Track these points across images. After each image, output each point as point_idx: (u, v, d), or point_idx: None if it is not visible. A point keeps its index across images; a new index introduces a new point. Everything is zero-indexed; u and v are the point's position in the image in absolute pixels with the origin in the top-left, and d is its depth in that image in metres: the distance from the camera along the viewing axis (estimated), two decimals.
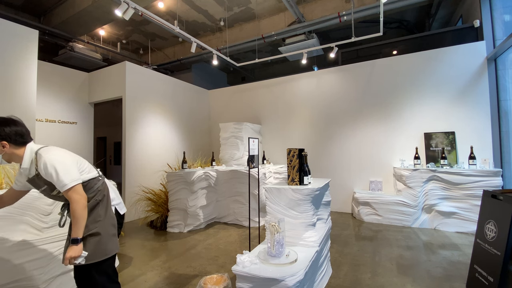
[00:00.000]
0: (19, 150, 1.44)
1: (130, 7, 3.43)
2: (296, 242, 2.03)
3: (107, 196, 1.66)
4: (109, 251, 1.57)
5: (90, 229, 1.50)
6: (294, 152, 2.17)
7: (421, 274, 2.55)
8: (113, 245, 1.61)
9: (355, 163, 5.13)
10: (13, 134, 1.40)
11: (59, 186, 1.41)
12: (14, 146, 1.42)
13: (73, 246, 1.39)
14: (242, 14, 6.40)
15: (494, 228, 1.99)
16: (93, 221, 1.53)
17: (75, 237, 1.40)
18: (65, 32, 6.00)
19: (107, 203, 1.65)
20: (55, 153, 1.46)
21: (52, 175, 1.40)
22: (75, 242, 1.40)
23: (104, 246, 1.54)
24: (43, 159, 1.40)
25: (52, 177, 1.40)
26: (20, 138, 1.43)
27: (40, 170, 1.41)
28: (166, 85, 5.85)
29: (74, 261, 1.40)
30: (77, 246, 1.40)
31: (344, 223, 4.42)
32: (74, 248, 1.39)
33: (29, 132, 1.50)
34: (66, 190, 1.41)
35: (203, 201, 4.27)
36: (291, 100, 5.94)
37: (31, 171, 1.46)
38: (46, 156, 1.42)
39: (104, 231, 1.56)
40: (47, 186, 1.48)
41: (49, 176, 1.41)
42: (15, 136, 1.41)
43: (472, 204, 3.74)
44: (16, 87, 3.33)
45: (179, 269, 2.76)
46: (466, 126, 4.24)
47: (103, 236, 1.55)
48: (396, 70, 4.83)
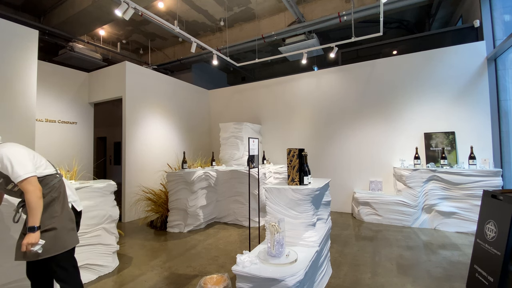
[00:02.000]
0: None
1: (130, 7, 3.43)
2: (296, 242, 2.03)
3: (63, 193, 1.71)
4: (67, 244, 1.63)
5: (46, 224, 1.55)
6: (294, 152, 2.17)
7: (421, 274, 2.55)
8: (72, 239, 1.67)
9: (355, 163, 5.13)
10: None
11: (14, 177, 1.47)
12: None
13: (30, 234, 1.44)
14: (242, 14, 6.40)
15: (494, 228, 1.99)
16: (49, 217, 1.58)
17: (31, 225, 1.45)
18: (65, 32, 6.00)
19: (63, 199, 1.70)
20: (10, 147, 1.54)
21: (7, 167, 1.46)
22: (32, 230, 1.45)
23: (62, 240, 1.60)
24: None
25: (7, 169, 1.47)
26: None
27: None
28: (166, 85, 5.85)
29: (31, 248, 1.44)
30: (34, 234, 1.45)
31: (344, 223, 4.42)
32: (31, 235, 1.44)
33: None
34: (21, 181, 1.47)
35: (203, 201, 4.27)
36: (291, 100, 5.94)
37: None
38: (1, 150, 1.49)
39: (61, 226, 1.62)
40: (3, 179, 1.53)
41: (5, 169, 1.47)
42: None
43: (472, 204, 3.74)
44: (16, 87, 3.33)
45: (179, 269, 2.76)
46: (466, 126, 4.24)
47: (59, 230, 1.60)
48: (396, 70, 4.83)
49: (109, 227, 2.73)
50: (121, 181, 4.76)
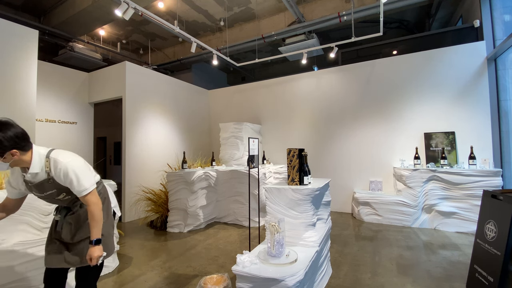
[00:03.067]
0: (27, 156, 1.36)
1: (130, 7, 3.43)
2: (296, 242, 2.03)
3: (107, 199, 1.69)
4: (110, 251, 1.61)
5: None
6: (294, 152, 2.17)
7: (421, 274, 2.55)
8: (113, 245, 1.67)
9: (355, 163, 5.13)
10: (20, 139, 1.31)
11: (79, 190, 1.41)
12: (23, 152, 1.34)
13: (96, 246, 1.43)
14: (242, 14, 6.40)
15: (494, 228, 1.99)
16: None
17: (98, 238, 1.44)
18: (65, 32, 6.00)
19: (108, 205, 1.67)
20: (71, 158, 1.46)
21: (73, 181, 1.40)
22: (98, 242, 1.44)
23: (107, 247, 1.58)
24: (61, 165, 1.38)
25: (71, 183, 1.40)
26: (27, 143, 1.35)
27: (57, 175, 1.39)
28: (166, 85, 5.85)
29: (100, 260, 1.45)
30: (100, 246, 1.45)
31: (344, 223, 4.42)
32: (98, 248, 1.44)
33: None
34: (86, 194, 1.43)
35: (203, 201, 4.27)
36: (291, 100, 5.94)
37: (40, 176, 1.41)
38: (63, 161, 1.40)
39: (107, 233, 1.60)
40: (55, 190, 1.45)
41: (68, 182, 1.40)
42: (22, 142, 1.32)
43: (472, 204, 3.74)
44: (16, 87, 3.33)
45: (179, 269, 2.76)
46: (466, 126, 4.24)
47: (106, 237, 1.58)
48: (396, 70, 4.83)
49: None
50: (121, 181, 4.76)
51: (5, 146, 1.24)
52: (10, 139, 1.25)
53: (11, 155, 1.29)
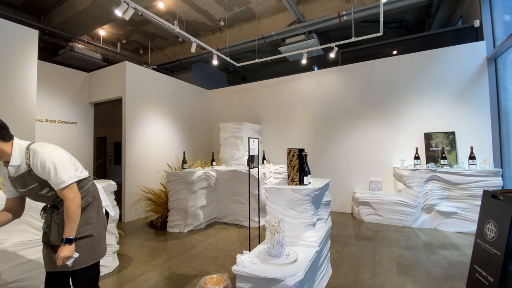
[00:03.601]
0: (6, 146, 1.32)
1: (130, 7, 3.43)
2: (296, 242, 2.03)
3: (97, 198, 1.60)
4: (102, 252, 1.54)
5: (81, 231, 1.43)
6: (294, 152, 2.17)
7: (421, 274, 2.55)
8: (104, 246, 1.58)
9: (355, 163, 5.13)
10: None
11: (56, 183, 1.34)
12: (2, 141, 1.30)
13: (66, 246, 1.33)
14: (242, 14, 6.40)
15: (494, 228, 1.99)
16: (85, 223, 1.46)
17: (68, 237, 1.34)
18: (65, 32, 6.00)
19: (98, 204, 1.59)
20: (51, 149, 1.39)
21: (50, 172, 1.32)
22: (69, 241, 1.34)
23: (98, 248, 1.50)
24: (39, 155, 1.32)
25: (49, 174, 1.33)
26: (6, 132, 1.32)
27: (35, 167, 1.33)
28: (166, 85, 5.85)
29: (66, 262, 1.33)
30: (71, 246, 1.34)
31: (344, 223, 4.42)
32: (68, 247, 1.33)
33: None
34: (63, 187, 1.35)
35: (203, 201, 4.27)
36: (291, 100, 5.94)
37: (21, 168, 1.35)
38: (42, 151, 1.34)
39: (97, 233, 1.51)
40: (37, 184, 1.38)
41: (46, 173, 1.33)
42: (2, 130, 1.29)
43: (472, 204, 3.74)
44: (16, 87, 3.33)
45: (179, 269, 2.76)
46: (466, 126, 4.24)
47: (95, 238, 1.49)
48: (396, 70, 4.83)
49: (109, 227, 2.73)
50: (121, 181, 4.76)
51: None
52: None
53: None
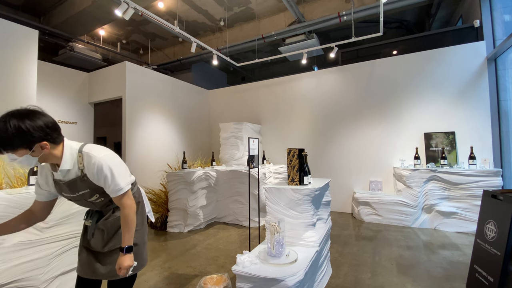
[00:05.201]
0: (57, 150, 1.19)
1: (130, 7, 3.43)
2: (296, 242, 2.03)
3: (142, 203, 1.50)
4: (144, 261, 1.45)
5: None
6: (294, 152, 2.17)
7: (421, 274, 2.55)
8: (147, 255, 1.50)
9: (355, 163, 5.13)
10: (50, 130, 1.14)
11: (113, 190, 1.24)
12: (53, 145, 1.17)
13: (127, 255, 1.25)
14: (242, 14, 6.40)
15: (494, 228, 1.99)
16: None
17: (129, 245, 1.27)
18: (65, 32, 6.00)
19: (142, 210, 1.49)
20: (107, 152, 1.28)
21: (107, 178, 1.22)
22: (130, 250, 1.26)
23: (141, 257, 1.41)
24: (95, 159, 1.21)
25: (105, 180, 1.23)
26: (58, 135, 1.18)
27: (90, 171, 1.23)
28: (166, 85, 5.85)
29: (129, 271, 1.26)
30: (131, 254, 1.27)
31: (344, 223, 4.42)
32: (129, 256, 1.26)
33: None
34: (120, 195, 1.26)
35: (203, 201, 4.27)
36: (291, 100, 5.94)
37: (72, 173, 1.25)
38: (98, 156, 1.23)
39: (141, 241, 1.42)
40: (89, 190, 1.27)
41: (102, 179, 1.23)
42: (53, 133, 1.15)
43: (472, 204, 3.74)
44: (16, 87, 3.33)
45: (179, 269, 2.76)
46: (466, 126, 4.24)
47: (140, 246, 1.40)
48: (396, 70, 4.83)
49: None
50: None
51: (33, 137, 1.07)
52: (39, 129, 1.08)
53: (41, 148, 1.11)
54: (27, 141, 1.06)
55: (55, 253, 2.20)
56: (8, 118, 1.03)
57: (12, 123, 1.02)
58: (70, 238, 2.33)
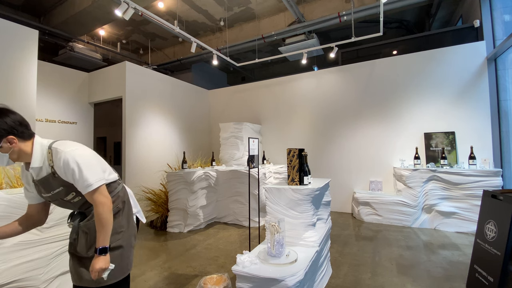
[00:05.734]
0: (27, 146, 1.17)
1: (130, 7, 3.43)
2: (296, 242, 2.03)
3: (127, 203, 1.44)
4: (130, 265, 1.38)
5: (111, 241, 1.26)
6: (294, 152, 2.17)
7: (421, 274, 2.55)
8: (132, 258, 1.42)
9: (355, 163, 5.13)
10: (17, 125, 1.13)
11: (82, 186, 1.19)
12: (22, 140, 1.15)
13: (100, 257, 1.18)
14: (242, 14, 6.40)
15: (494, 228, 1.99)
16: (114, 232, 1.29)
17: (103, 246, 1.19)
18: (65, 32, 6.00)
19: (128, 211, 1.43)
20: (75, 147, 1.23)
21: (75, 173, 1.17)
22: (103, 251, 1.19)
23: (127, 260, 1.34)
24: (62, 154, 1.17)
25: (73, 175, 1.17)
26: (26, 130, 1.17)
27: (58, 168, 1.18)
28: (166, 85, 5.85)
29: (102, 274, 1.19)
30: (106, 256, 1.19)
31: (344, 223, 4.42)
32: (103, 258, 1.18)
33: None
34: (91, 191, 1.19)
35: (203, 201, 4.27)
36: (291, 100, 5.94)
37: (43, 171, 1.21)
38: (65, 150, 1.18)
39: (127, 243, 1.35)
40: (62, 188, 1.23)
41: (70, 175, 1.18)
42: (21, 127, 1.14)
43: (472, 204, 3.74)
44: (16, 87, 3.33)
45: (179, 269, 2.76)
46: (466, 126, 4.24)
47: (125, 249, 1.33)
48: (396, 70, 4.83)
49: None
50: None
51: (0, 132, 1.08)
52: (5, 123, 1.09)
53: (8, 143, 1.11)
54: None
55: (55, 253, 2.20)
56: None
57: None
58: None
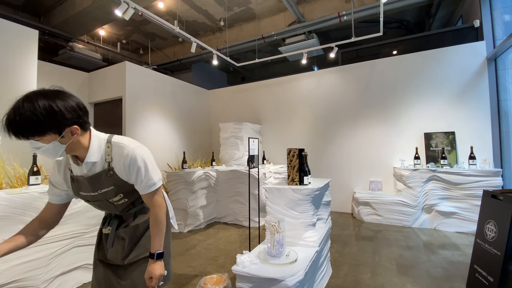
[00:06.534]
0: (85, 138, 1.03)
1: (130, 7, 3.42)
2: (296, 242, 2.03)
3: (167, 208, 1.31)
4: (171, 274, 1.26)
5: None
6: (294, 152, 2.17)
7: (421, 274, 2.55)
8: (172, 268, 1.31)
9: (355, 163, 5.13)
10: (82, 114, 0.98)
11: (146, 185, 1.10)
12: (82, 132, 1.00)
13: (158, 262, 1.09)
14: (242, 14, 6.39)
15: (494, 228, 1.99)
16: None
17: (160, 251, 1.11)
18: (65, 32, 6.00)
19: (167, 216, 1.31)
20: (137, 143, 1.13)
21: (140, 171, 1.07)
22: (160, 256, 1.10)
23: (169, 270, 1.22)
24: (128, 150, 1.07)
25: (138, 173, 1.08)
26: (88, 119, 1.03)
27: (120, 164, 1.07)
28: (166, 85, 5.85)
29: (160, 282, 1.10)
30: (162, 262, 1.11)
31: (344, 223, 4.42)
32: (160, 264, 1.10)
33: None
34: (153, 191, 1.11)
35: (203, 201, 4.27)
36: (291, 100, 5.94)
37: (97, 166, 1.08)
38: (132, 146, 1.08)
39: (167, 251, 1.24)
40: (112, 187, 1.10)
41: (134, 172, 1.07)
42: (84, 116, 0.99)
43: (472, 204, 3.73)
44: (16, 87, 3.33)
45: (179, 269, 2.76)
46: (466, 126, 4.24)
47: (166, 256, 1.20)
48: (396, 70, 4.83)
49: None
50: None
51: (66, 119, 0.91)
52: (72, 110, 0.93)
53: (71, 134, 0.95)
54: (59, 124, 0.90)
55: (55, 253, 2.20)
56: (35, 97, 0.88)
57: (41, 102, 0.87)
58: (70, 238, 2.34)
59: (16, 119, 0.85)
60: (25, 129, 0.86)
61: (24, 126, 0.86)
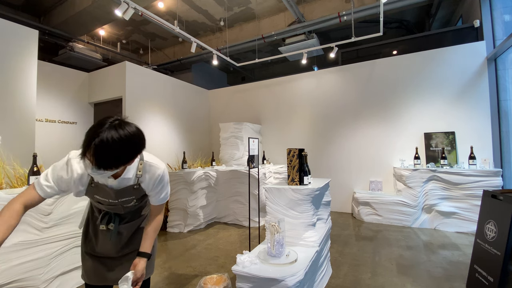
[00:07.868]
0: None
1: (130, 7, 3.42)
2: (296, 242, 2.03)
3: None
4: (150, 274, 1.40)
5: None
6: (294, 152, 2.17)
7: (421, 274, 2.55)
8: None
9: (355, 163, 5.13)
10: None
11: (161, 198, 1.24)
12: None
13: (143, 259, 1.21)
14: (242, 14, 6.39)
15: (494, 228, 1.99)
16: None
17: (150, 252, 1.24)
18: (65, 32, 5.99)
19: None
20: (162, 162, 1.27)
21: (163, 188, 1.23)
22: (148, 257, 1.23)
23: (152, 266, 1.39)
24: (159, 171, 1.20)
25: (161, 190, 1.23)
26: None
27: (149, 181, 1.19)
28: (166, 85, 5.85)
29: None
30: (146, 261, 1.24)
31: (344, 223, 4.42)
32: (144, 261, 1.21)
33: None
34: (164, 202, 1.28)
35: (203, 201, 4.27)
36: (291, 100, 5.94)
37: (127, 181, 1.16)
38: (161, 167, 1.23)
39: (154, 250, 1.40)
40: (133, 197, 1.22)
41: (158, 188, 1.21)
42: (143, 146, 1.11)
43: (472, 204, 3.73)
44: (16, 87, 3.33)
45: (179, 269, 2.76)
46: (466, 126, 4.24)
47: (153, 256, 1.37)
48: (396, 70, 4.83)
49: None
50: None
51: (141, 149, 1.05)
52: (144, 140, 1.07)
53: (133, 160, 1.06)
54: (136, 153, 1.01)
55: (55, 253, 2.20)
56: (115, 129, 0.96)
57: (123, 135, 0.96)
58: (70, 238, 2.33)
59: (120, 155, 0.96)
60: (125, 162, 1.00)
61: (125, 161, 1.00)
